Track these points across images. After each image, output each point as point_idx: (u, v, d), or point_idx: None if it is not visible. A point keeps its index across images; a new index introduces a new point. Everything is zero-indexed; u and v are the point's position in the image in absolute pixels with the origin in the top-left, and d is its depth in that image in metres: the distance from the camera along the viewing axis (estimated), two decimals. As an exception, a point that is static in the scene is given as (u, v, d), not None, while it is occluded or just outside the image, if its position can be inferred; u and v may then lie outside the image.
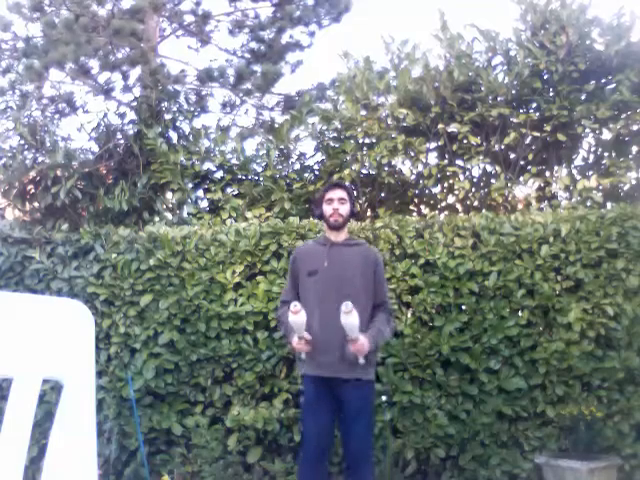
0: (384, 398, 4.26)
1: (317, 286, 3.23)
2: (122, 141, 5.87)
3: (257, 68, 8.79)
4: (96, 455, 1.34)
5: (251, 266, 4.54)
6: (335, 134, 5.87)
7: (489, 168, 5.71)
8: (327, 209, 3.32)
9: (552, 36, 5.32)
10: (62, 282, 4.71)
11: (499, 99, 5.41)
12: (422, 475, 4.28)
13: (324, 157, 5.89)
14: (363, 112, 5.69)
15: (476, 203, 5.58)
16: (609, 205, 5.20)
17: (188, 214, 5.50)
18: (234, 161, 5.78)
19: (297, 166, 5.96)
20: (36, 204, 5.68)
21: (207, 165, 5.79)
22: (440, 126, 5.41)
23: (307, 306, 3.23)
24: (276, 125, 6.83)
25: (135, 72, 8.29)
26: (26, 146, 5.68)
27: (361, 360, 3.07)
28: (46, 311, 1.34)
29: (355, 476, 3.19)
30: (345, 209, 3.32)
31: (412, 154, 5.54)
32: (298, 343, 3.11)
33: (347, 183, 5.29)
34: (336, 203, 3.30)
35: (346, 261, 3.29)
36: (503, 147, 5.51)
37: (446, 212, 5.56)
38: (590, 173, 5.44)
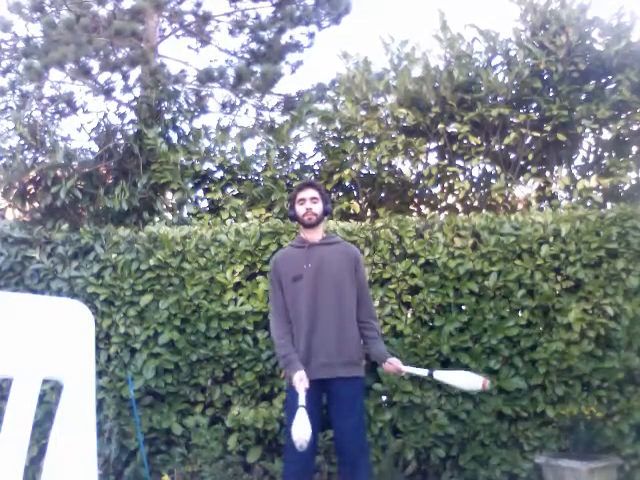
0: (384, 398, 4.26)
1: (305, 289, 3.21)
2: (122, 141, 5.86)
3: (257, 68, 8.80)
4: (96, 455, 1.34)
5: (251, 266, 4.54)
6: (335, 134, 5.87)
7: (489, 168, 5.72)
8: (300, 209, 3.31)
9: (552, 36, 5.32)
10: (62, 282, 4.71)
11: (499, 99, 5.42)
12: (422, 475, 4.29)
13: (324, 157, 5.89)
14: (363, 112, 5.70)
15: (476, 203, 5.58)
16: (609, 205, 5.20)
17: (188, 214, 5.50)
18: (234, 161, 5.78)
19: (297, 166, 5.96)
20: (36, 204, 5.68)
21: (207, 165, 5.79)
22: (440, 126, 5.41)
23: (296, 311, 3.22)
24: (276, 125, 6.83)
25: (135, 72, 8.31)
26: (26, 146, 5.67)
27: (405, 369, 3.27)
28: (46, 311, 1.34)
29: (354, 471, 3.15)
30: (318, 207, 3.31)
31: (412, 154, 5.54)
32: (300, 381, 3.06)
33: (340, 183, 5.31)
34: (308, 202, 3.29)
35: (328, 259, 3.28)
36: (503, 147, 5.51)
37: (446, 212, 5.57)
38: (590, 173, 5.44)
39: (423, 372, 3.28)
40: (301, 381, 3.04)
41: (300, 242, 3.37)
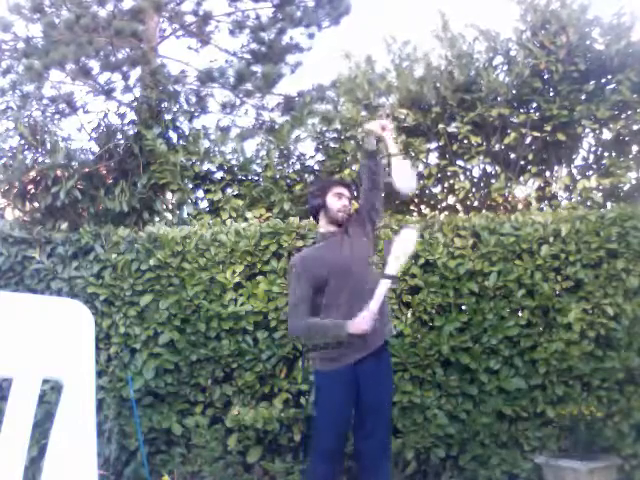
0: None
1: (347, 278, 3.07)
2: (122, 141, 5.86)
3: (257, 69, 8.79)
4: (96, 455, 1.34)
5: (251, 266, 4.54)
6: (335, 135, 5.88)
7: (489, 168, 5.72)
8: (336, 203, 3.16)
9: (552, 36, 5.32)
10: (62, 282, 4.71)
11: (499, 99, 5.42)
12: (422, 475, 4.29)
13: (324, 158, 5.89)
14: (364, 112, 5.70)
15: (476, 203, 5.58)
16: (609, 205, 5.20)
17: (188, 214, 5.50)
18: (234, 162, 5.78)
19: (297, 167, 5.96)
20: (36, 204, 5.68)
21: (207, 166, 5.79)
22: (440, 126, 5.42)
23: (337, 302, 3.05)
24: (276, 126, 6.84)
25: (135, 72, 8.30)
26: (26, 146, 5.67)
27: None
28: (46, 311, 1.34)
29: (377, 466, 2.99)
30: (349, 204, 3.22)
31: (412, 154, 5.54)
32: (364, 319, 2.87)
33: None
34: (345, 200, 3.17)
35: (345, 243, 3.16)
36: (503, 147, 5.51)
37: (446, 212, 5.57)
38: (590, 173, 5.44)
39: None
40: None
41: (326, 235, 3.22)
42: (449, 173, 5.46)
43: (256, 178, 5.76)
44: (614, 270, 4.18)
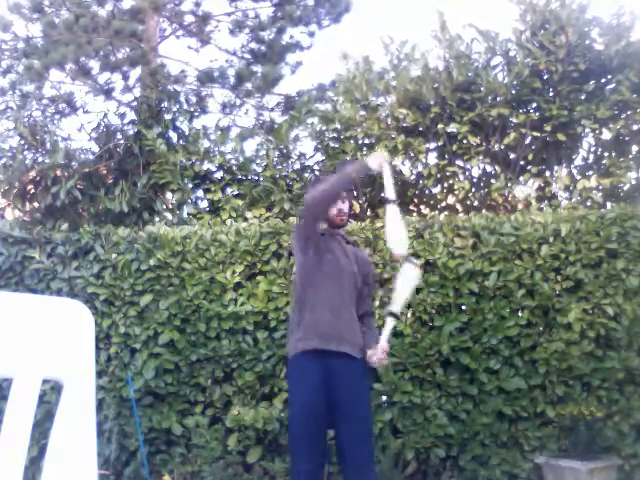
0: (384, 398, 4.26)
1: (330, 266, 3.03)
2: (122, 141, 5.86)
3: (257, 69, 8.79)
4: (96, 455, 1.34)
5: (251, 266, 4.55)
6: (335, 134, 5.88)
7: (489, 168, 5.72)
8: (331, 210, 3.12)
9: (552, 36, 5.32)
10: (62, 282, 4.71)
11: (499, 99, 5.42)
12: (422, 475, 4.29)
13: (324, 157, 5.89)
14: (362, 113, 5.70)
15: (476, 203, 5.58)
16: (609, 205, 5.20)
17: (188, 214, 5.50)
18: (234, 162, 5.78)
19: (297, 166, 5.96)
20: (36, 204, 5.68)
21: (207, 165, 5.79)
22: (440, 126, 5.42)
23: (317, 277, 3.02)
24: (276, 125, 6.84)
25: (135, 72, 8.31)
26: (26, 146, 5.68)
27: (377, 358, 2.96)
28: (46, 311, 1.34)
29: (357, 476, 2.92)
30: (347, 206, 3.17)
31: (412, 154, 5.54)
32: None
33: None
34: (340, 203, 3.12)
35: (345, 253, 3.14)
36: (503, 147, 5.51)
37: (446, 212, 5.57)
38: (590, 173, 5.44)
39: (390, 325, 2.99)
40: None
41: (326, 231, 3.19)
42: (448, 173, 5.46)
43: (256, 178, 5.76)
44: (614, 270, 4.18)
